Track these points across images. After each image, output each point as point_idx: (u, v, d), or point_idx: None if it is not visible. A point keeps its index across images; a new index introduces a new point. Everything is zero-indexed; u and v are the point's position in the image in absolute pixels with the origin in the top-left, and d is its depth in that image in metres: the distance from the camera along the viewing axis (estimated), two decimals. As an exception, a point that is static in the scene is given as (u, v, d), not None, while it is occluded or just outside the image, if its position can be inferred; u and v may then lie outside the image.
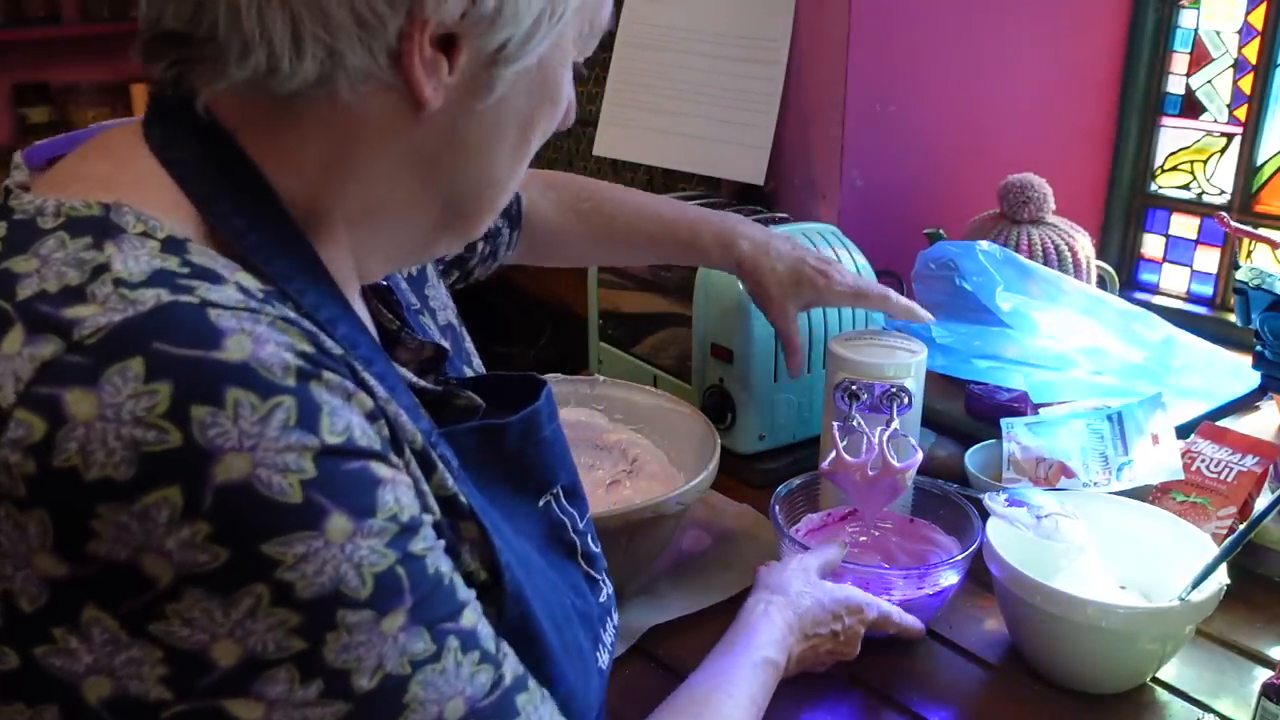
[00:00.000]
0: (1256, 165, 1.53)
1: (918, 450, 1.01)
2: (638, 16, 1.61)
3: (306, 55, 0.51)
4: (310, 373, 0.47)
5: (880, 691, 0.91)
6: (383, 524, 0.48)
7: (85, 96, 2.79)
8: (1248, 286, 1.23)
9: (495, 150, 0.60)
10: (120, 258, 0.46)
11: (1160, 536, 0.96)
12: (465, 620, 0.52)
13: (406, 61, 0.53)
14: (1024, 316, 1.24)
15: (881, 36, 1.41)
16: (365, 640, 0.47)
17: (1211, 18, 1.55)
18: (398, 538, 0.49)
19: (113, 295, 0.45)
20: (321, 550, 0.45)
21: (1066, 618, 0.87)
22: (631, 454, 1.17)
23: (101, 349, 0.43)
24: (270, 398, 0.45)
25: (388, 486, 0.49)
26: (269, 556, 0.44)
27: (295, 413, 0.45)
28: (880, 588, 0.95)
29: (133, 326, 0.44)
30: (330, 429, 0.47)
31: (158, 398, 0.43)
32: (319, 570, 0.45)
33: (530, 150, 0.63)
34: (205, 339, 0.44)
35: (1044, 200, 1.39)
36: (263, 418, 0.44)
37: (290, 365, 0.46)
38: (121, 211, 0.48)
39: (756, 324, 1.20)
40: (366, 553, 0.47)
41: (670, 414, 1.16)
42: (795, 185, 1.50)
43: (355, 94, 0.53)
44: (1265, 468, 1.04)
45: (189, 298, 0.46)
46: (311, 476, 0.45)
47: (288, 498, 0.44)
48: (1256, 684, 0.85)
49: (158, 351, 0.43)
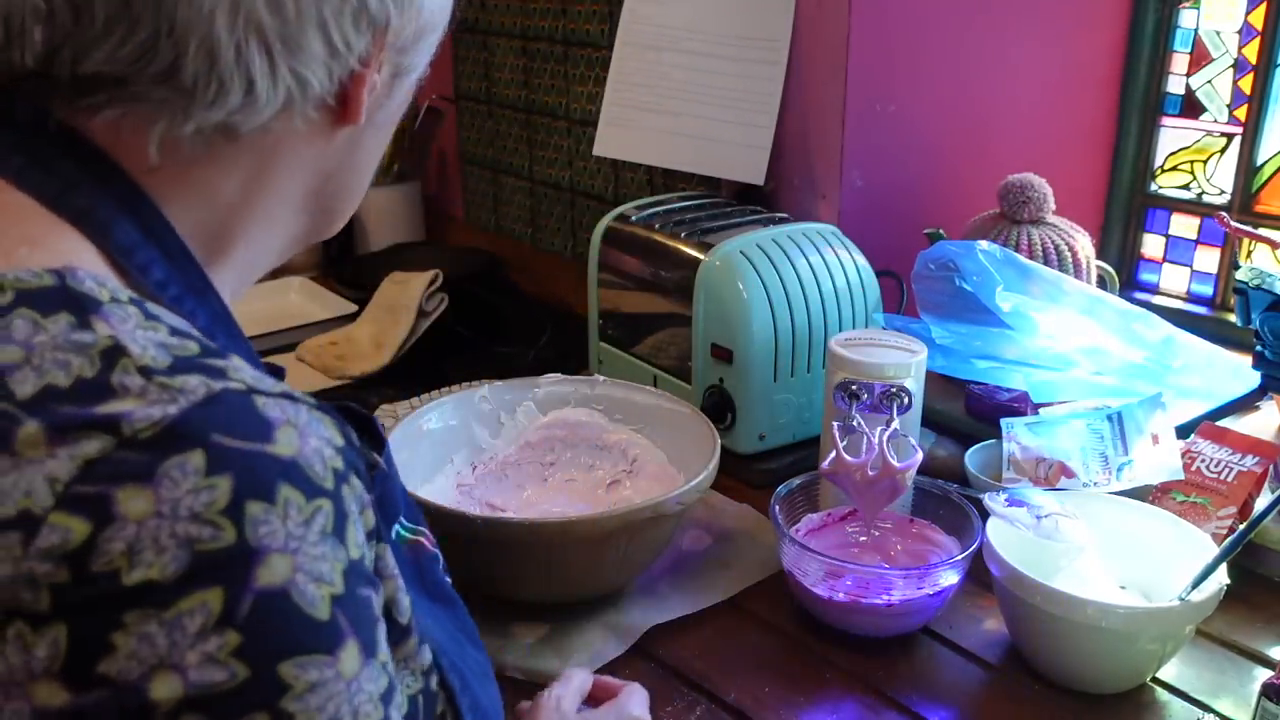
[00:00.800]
0: (1256, 165, 1.53)
1: (918, 450, 1.01)
2: (638, 16, 1.61)
3: (279, 86, 0.50)
4: (344, 475, 0.45)
5: (880, 691, 0.91)
6: (379, 670, 0.45)
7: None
8: (1248, 286, 1.23)
9: (375, 154, 0.62)
10: (124, 338, 0.43)
11: (1160, 536, 0.96)
12: None
13: (357, 85, 0.54)
14: (1024, 316, 1.24)
15: (881, 36, 1.41)
16: None
17: (1211, 18, 1.55)
18: (385, 696, 0.45)
19: (150, 387, 0.42)
20: (331, 683, 0.42)
21: (1066, 618, 0.87)
22: (631, 454, 1.17)
23: (159, 442, 0.40)
24: (314, 499, 0.43)
25: (380, 627, 0.46)
26: (282, 680, 0.41)
27: (331, 519, 0.43)
28: (880, 588, 0.95)
29: (193, 419, 0.41)
30: (354, 542, 0.45)
31: (216, 493, 0.40)
32: (321, 706, 0.42)
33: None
34: (260, 431, 0.42)
35: (1044, 200, 1.39)
36: (306, 520, 0.42)
37: (329, 464, 0.44)
38: (78, 277, 0.45)
39: (756, 324, 1.20)
40: (364, 699, 0.44)
41: (670, 414, 1.16)
42: (795, 185, 1.50)
43: (304, 119, 0.53)
44: (1265, 468, 1.04)
45: (234, 384, 0.43)
46: (339, 593, 0.43)
47: (317, 613, 0.42)
48: (1256, 684, 0.85)
49: (217, 444, 0.41)
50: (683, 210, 1.41)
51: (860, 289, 1.29)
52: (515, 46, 1.92)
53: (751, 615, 1.02)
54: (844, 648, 0.97)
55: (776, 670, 0.95)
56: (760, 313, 1.21)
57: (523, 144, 1.99)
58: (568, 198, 1.92)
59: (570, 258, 1.93)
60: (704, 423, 1.10)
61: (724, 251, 1.24)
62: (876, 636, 0.98)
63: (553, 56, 1.85)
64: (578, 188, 1.89)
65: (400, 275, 1.74)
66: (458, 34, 2.05)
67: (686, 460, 1.09)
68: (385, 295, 1.70)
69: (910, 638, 0.98)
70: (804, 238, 1.28)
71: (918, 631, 0.99)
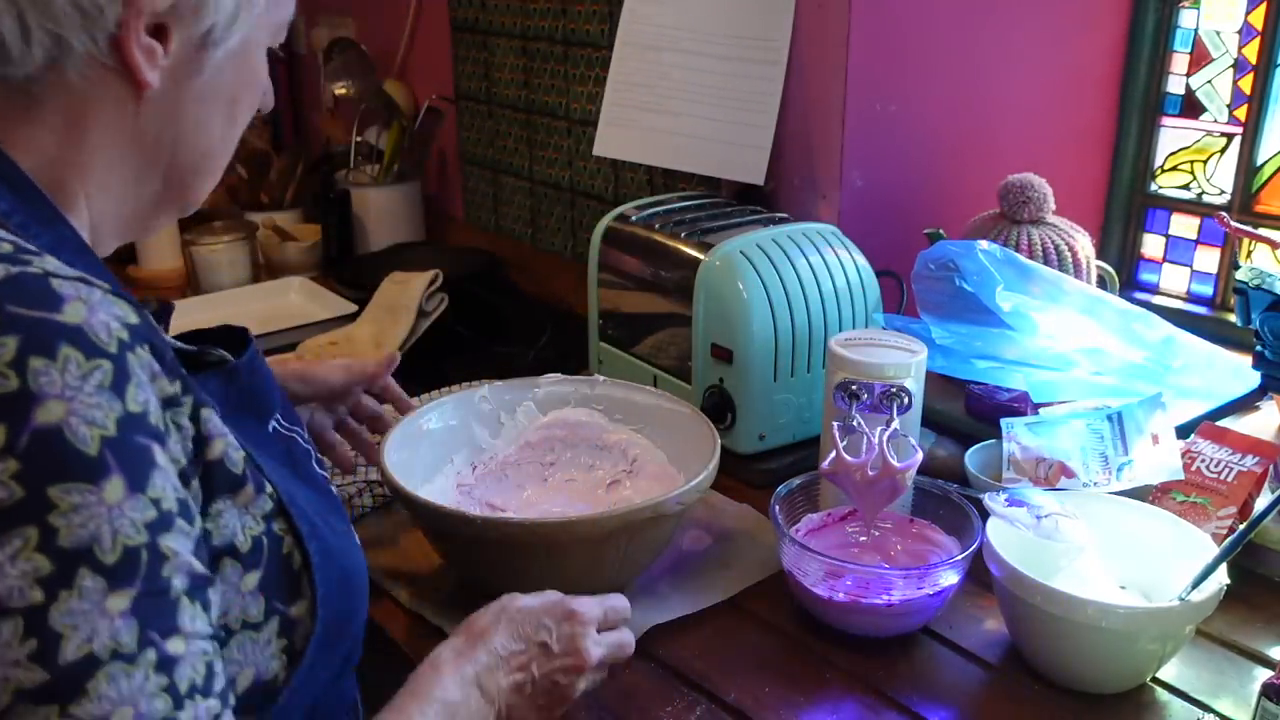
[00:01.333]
0: (1256, 165, 1.53)
1: (918, 450, 1.01)
2: (638, 16, 1.61)
3: (34, 43, 0.59)
4: (129, 345, 0.55)
5: (880, 691, 0.91)
6: (147, 502, 0.54)
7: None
8: (1248, 286, 1.23)
9: (209, 126, 0.68)
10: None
11: (1160, 536, 0.96)
12: (172, 647, 0.55)
13: (126, 47, 0.61)
14: (1024, 316, 1.24)
15: (881, 36, 1.41)
16: (89, 610, 0.52)
17: (1211, 18, 1.55)
18: (154, 524, 0.55)
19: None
20: (94, 505, 0.52)
21: (1066, 618, 0.87)
22: (631, 454, 1.17)
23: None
24: (93, 359, 0.53)
25: (161, 473, 0.56)
26: (50, 500, 0.51)
27: (111, 377, 0.54)
28: (880, 588, 0.95)
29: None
30: (134, 399, 0.55)
31: (5, 350, 0.51)
32: (84, 523, 0.52)
33: (239, 127, 0.71)
34: (49, 303, 0.53)
35: (1044, 200, 1.39)
36: (84, 375, 0.53)
37: (114, 334, 0.55)
38: None
39: (756, 324, 1.20)
40: (126, 524, 0.53)
41: (670, 414, 1.16)
42: (795, 185, 1.50)
43: (84, 79, 0.62)
44: (1265, 468, 1.04)
45: (33, 270, 0.54)
46: (110, 435, 0.53)
47: (87, 449, 0.52)
48: (1256, 684, 0.85)
49: (9, 312, 0.52)
50: (683, 210, 1.41)
51: (860, 289, 1.29)
52: (515, 46, 1.92)
53: (751, 615, 1.02)
54: (844, 648, 0.97)
55: (776, 670, 0.95)
56: (760, 313, 1.21)
57: (523, 144, 1.99)
58: (568, 198, 1.92)
59: (570, 258, 1.93)
60: (704, 423, 1.10)
61: (724, 251, 1.24)
62: (876, 636, 0.98)
63: (553, 56, 1.85)
64: (578, 188, 1.90)
65: (400, 275, 1.74)
66: (458, 34, 2.05)
67: (686, 460, 1.09)
68: (385, 295, 1.70)
69: (910, 638, 0.98)
70: (804, 238, 1.28)
71: (918, 631, 0.99)
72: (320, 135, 2.41)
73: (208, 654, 0.57)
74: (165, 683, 0.54)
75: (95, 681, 0.52)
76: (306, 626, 0.66)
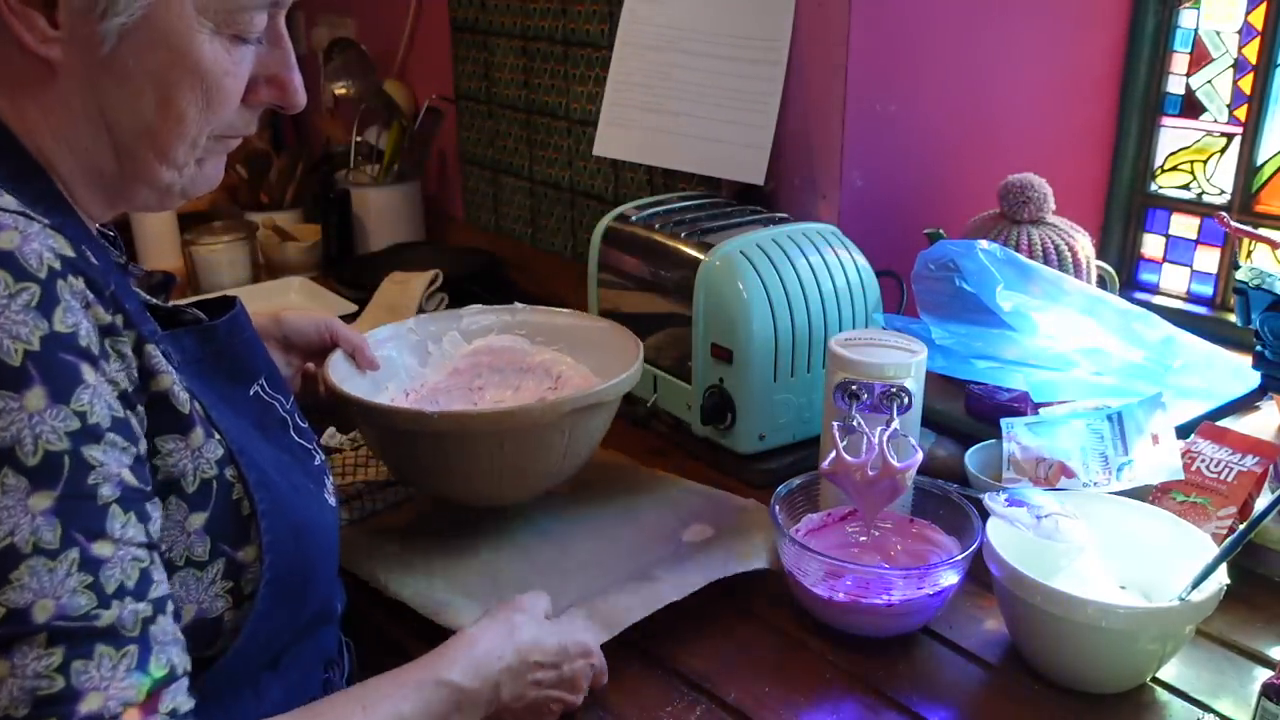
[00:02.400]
0: (1256, 165, 1.53)
1: (918, 450, 1.01)
2: (638, 16, 1.61)
3: None
4: (60, 273, 0.60)
5: (880, 691, 0.91)
6: (70, 414, 0.59)
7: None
8: (1248, 286, 1.23)
9: (136, 106, 0.69)
10: None
11: (1160, 536, 0.96)
12: (98, 549, 0.59)
13: (5, 18, 0.63)
14: (1024, 316, 1.24)
15: (881, 36, 1.41)
16: (11, 506, 0.56)
17: (1211, 18, 1.55)
18: (77, 434, 0.59)
19: None
20: (14, 411, 0.57)
21: (1066, 618, 0.87)
22: (555, 371, 1.22)
23: None
24: (21, 281, 0.58)
25: (89, 389, 0.60)
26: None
27: (38, 298, 0.58)
28: (880, 588, 0.95)
29: None
30: (61, 320, 0.59)
31: None
32: (5, 427, 0.56)
33: (182, 114, 0.70)
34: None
35: (1044, 200, 1.39)
36: (11, 295, 0.58)
37: (45, 262, 0.60)
38: None
39: (756, 324, 1.20)
40: (47, 430, 0.58)
41: (591, 331, 1.21)
42: (795, 185, 1.50)
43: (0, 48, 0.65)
44: (1265, 468, 1.04)
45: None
46: (34, 350, 0.58)
47: (10, 360, 0.57)
48: (1256, 684, 0.85)
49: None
50: (683, 210, 1.41)
51: (860, 289, 1.29)
52: (515, 46, 1.92)
53: (751, 615, 1.02)
54: (844, 648, 0.97)
55: (776, 670, 0.95)
56: (760, 313, 1.21)
57: (523, 144, 1.99)
58: (568, 198, 1.92)
59: (570, 258, 1.93)
60: (625, 334, 1.16)
61: (724, 251, 1.24)
62: (876, 636, 0.98)
63: (553, 56, 1.85)
64: (578, 188, 1.89)
65: (400, 275, 1.74)
66: (458, 34, 2.05)
67: (611, 371, 1.11)
68: (385, 295, 1.70)
69: (910, 638, 0.98)
70: (804, 238, 1.28)
71: (918, 631, 0.99)
72: (320, 135, 2.41)
73: (141, 560, 0.61)
74: (88, 580, 0.58)
75: (18, 572, 0.56)
76: (255, 572, 0.71)
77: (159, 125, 0.70)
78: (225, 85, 0.71)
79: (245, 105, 0.74)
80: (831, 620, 0.98)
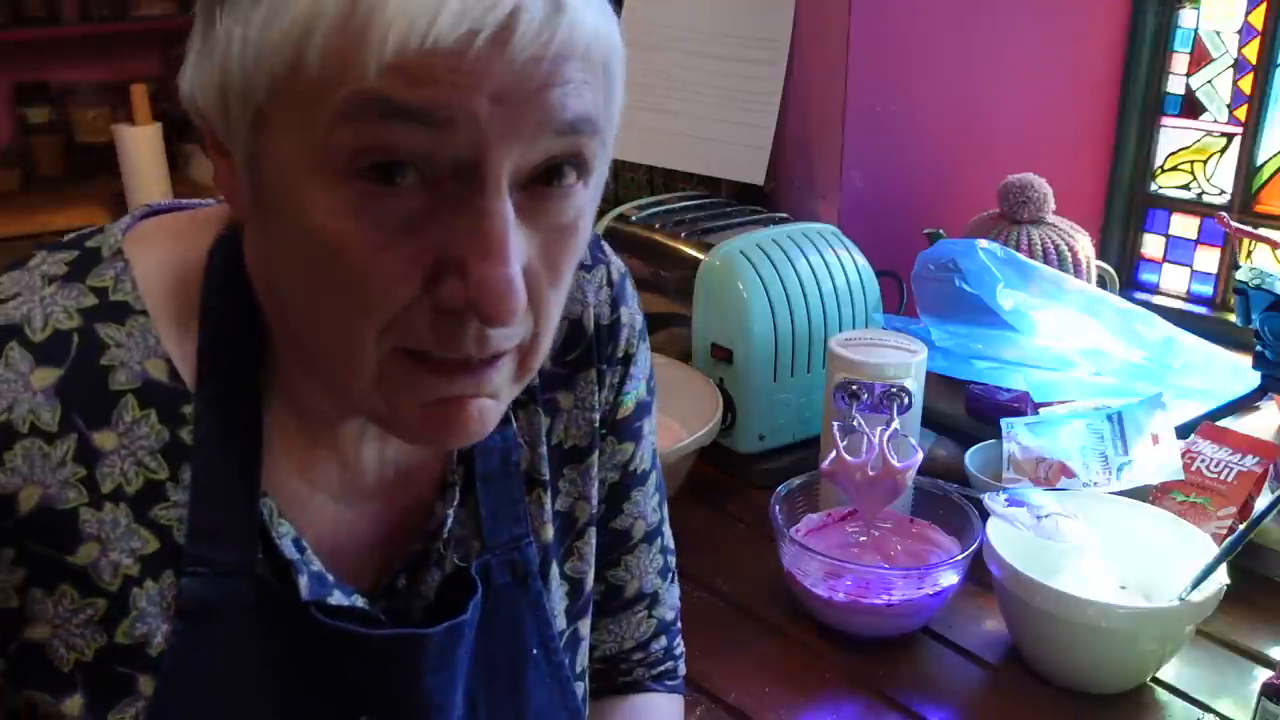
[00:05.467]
0: (1256, 165, 1.53)
1: (918, 450, 1.01)
2: (638, 16, 1.61)
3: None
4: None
5: (880, 691, 0.91)
6: None
7: (85, 96, 2.79)
8: (1248, 286, 1.23)
9: (289, 291, 0.48)
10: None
11: (1160, 536, 0.96)
12: None
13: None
14: (1025, 316, 1.24)
15: (881, 36, 1.41)
16: None
17: (1211, 18, 1.55)
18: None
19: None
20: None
21: (1066, 618, 0.87)
22: None
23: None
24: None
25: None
26: None
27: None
28: (880, 588, 0.95)
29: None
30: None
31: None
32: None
33: (331, 315, 0.46)
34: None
35: (1044, 200, 1.39)
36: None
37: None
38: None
39: (756, 324, 1.20)
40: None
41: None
42: (795, 185, 1.50)
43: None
44: (1265, 468, 1.04)
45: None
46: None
47: None
48: (1256, 684, 0.85)
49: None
50: (683, 210, 1.40)
51: (860, 289, 1.29)
52: (515, 46, 1.92)
53: (751, 615, 1.02)
54: (844, 648, 0.97)
55: (776, 670, 0.94)
56: (760, 313, 1.21)
57: (523, 144, 1.99)
58: (568, 198, 1.92)
59: (570, 258, 1.93)
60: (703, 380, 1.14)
61: (724, 251, 1.24)
62: (876, 636, 0.98)
63: (553, 56, 1.85)
64: (578, 188, 1.89)
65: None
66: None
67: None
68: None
69: (910, 638, 0.98)
70: (804, 238, 1.28)
71: (918, 631, 0.99)
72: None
73: None
74: None
75: None
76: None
77: (326, 332, 0.48)
78: (458, 297, 0.45)
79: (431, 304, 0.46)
80: (831, 620, 0.98)
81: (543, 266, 0.47)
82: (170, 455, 0.51)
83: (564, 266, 0.48)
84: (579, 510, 0.66)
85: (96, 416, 0.49)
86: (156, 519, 0.51)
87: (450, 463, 0.60)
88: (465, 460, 0.60)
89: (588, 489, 0.66)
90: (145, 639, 0.51)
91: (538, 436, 0.63)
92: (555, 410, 0.64)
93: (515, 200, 0.45)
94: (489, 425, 0.50)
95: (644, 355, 0.69)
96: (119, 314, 0.51)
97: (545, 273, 0.47)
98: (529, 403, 0.62)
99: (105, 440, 0.50)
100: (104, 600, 0.50)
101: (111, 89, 2.79)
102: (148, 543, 0.51)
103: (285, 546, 0.54)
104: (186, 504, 0.51)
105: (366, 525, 0.59)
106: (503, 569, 0.61)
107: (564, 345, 0.63)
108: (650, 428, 0.71)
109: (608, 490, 0.69)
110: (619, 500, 0.70)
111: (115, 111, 2.70)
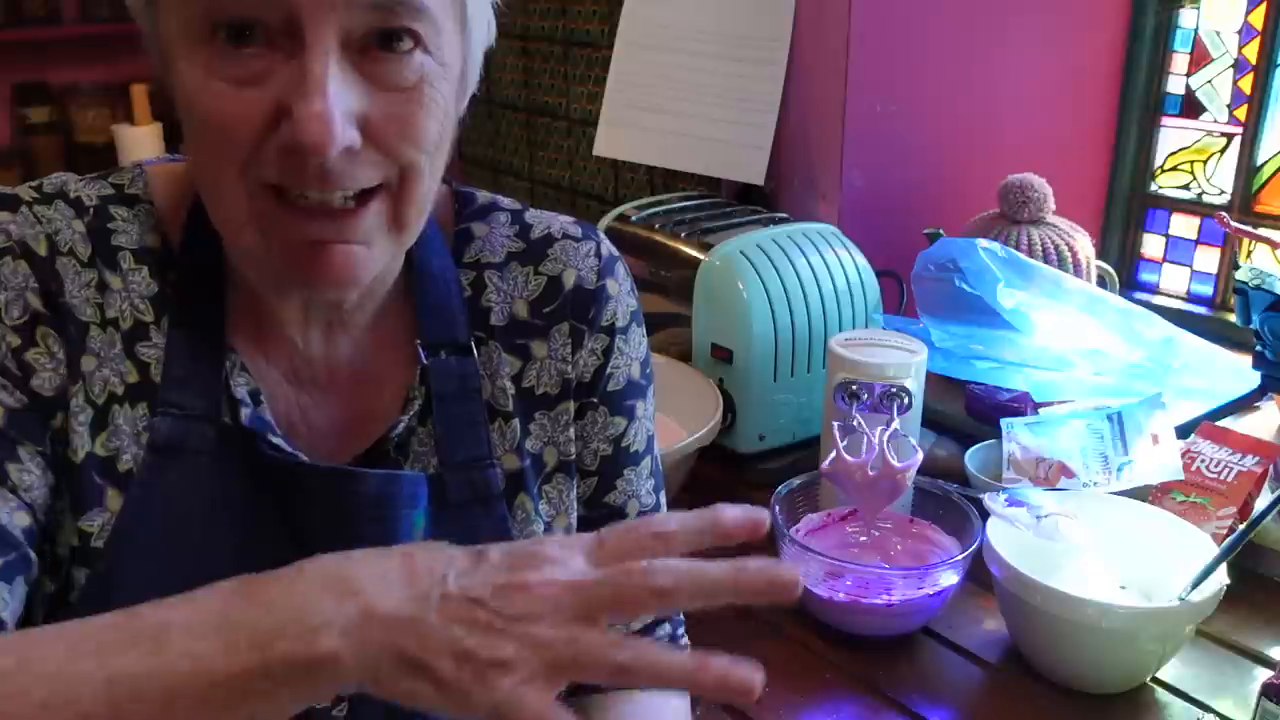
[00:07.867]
0: (1256, 165, 1.53)
1: (918, 450, 1.01)
2: (638, 16, 1.61)
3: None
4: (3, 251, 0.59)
5: (880, 691, 0.91)
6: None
7: (85, 96, 2.79)
8: (1248, 286, 1.23)
9: (190, 148, 0.57)
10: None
11: (1160, 536, 0.96)
12: None
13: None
14: (1024, 316, 1.24)
15: (881, 36, 1.41)
16: None
17: (1211, 18, 1.55)
18: None
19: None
20: None
21: (1066, 618, 0.87)
22: None
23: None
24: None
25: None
26: None
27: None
28: (880, 588, 0.95)
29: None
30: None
31: None
32: None
33: (209, 157, 0.55)
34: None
35: (1044, 200, 1.39)
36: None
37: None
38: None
39: (756, 324, 1.20)
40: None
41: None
42: (795, 185, 1.50)
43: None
44: (1265, 468, 1.04)
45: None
46: None
47: None
48: (1256, 684, 0.85)
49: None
50: (683, 210, 1.41)
51: (860, 289, 1.29)
52: (515, 46, 1.92)
53: (752, 615, 1.02)
54: (844, 648, 0.97)
55: (776, 670, 0.94)
56: (760, 313, 1.21)
57: (523, 144, 1.99)
58: (568, 198, 1.92)
59: (570, 258, 1.93)
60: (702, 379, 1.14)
61: (724, 251, 1.24)
62: (876, 636, 0.98)
63: (553, 56, 1.85)
64: (578, 188, 1.90)
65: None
66: (458, 34, 2.05)
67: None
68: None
69: (910, 638, 0.98)
70: (804, 238, 1.28)
71: (918, 631, 0.99)
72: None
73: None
74: None
75: None
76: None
77: (205, 182, 0.57)
78: (302, 136, 0.52)
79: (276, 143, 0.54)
80: (831, 620, 0.98)
81: (389, 122, 0.55)
82: (156, 304, 0.62)
83: (417, 125, 0.56)
84: (548, 455, 0.70)
85: (110, 262, 0.61)
86: (139, 355, 0.61)
87: (414, 382, 0.66)
88: (427, 383, 0.66)
89: (557, 435, 0.70)
90: (116, 453, 0.60)
91: (497, 371, 0.69)
92: (528, 356, 0.70)
93: (352, 61, 0.54)
94: (360, 272, 0.57)
95: (638, 337, 0.74)
96: (130, 202, 0.63)
97: (394, 128, 0.55)
98: (488, 339, 0.69)
99: (114, 281, 0.61)
100: (91, 410, 0.60)
101: (111, 89, 2.79)
102: (130, 373, 0.61)
103: (238, 391, 0.62)
104: (164, 347, 0.61)
105: (322, 417, 0.66)
106: (460, 487, 0.66)
107: (540, 297, 0.70)
108: (645, 411, 0.74)
109: (600, 462, 0.72)
110: (611, 475, 0.73)
111: (115, 111, 2.70)
